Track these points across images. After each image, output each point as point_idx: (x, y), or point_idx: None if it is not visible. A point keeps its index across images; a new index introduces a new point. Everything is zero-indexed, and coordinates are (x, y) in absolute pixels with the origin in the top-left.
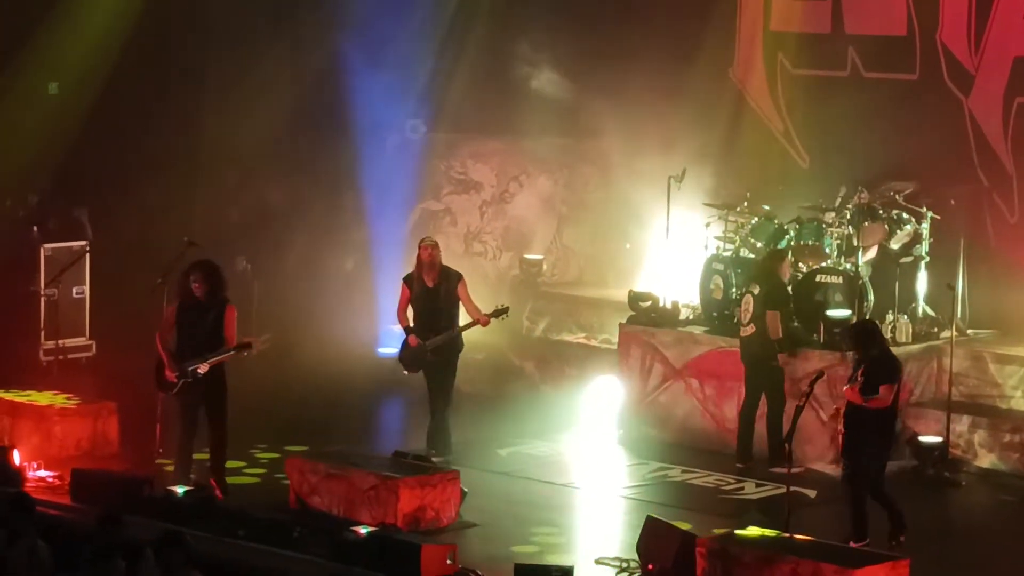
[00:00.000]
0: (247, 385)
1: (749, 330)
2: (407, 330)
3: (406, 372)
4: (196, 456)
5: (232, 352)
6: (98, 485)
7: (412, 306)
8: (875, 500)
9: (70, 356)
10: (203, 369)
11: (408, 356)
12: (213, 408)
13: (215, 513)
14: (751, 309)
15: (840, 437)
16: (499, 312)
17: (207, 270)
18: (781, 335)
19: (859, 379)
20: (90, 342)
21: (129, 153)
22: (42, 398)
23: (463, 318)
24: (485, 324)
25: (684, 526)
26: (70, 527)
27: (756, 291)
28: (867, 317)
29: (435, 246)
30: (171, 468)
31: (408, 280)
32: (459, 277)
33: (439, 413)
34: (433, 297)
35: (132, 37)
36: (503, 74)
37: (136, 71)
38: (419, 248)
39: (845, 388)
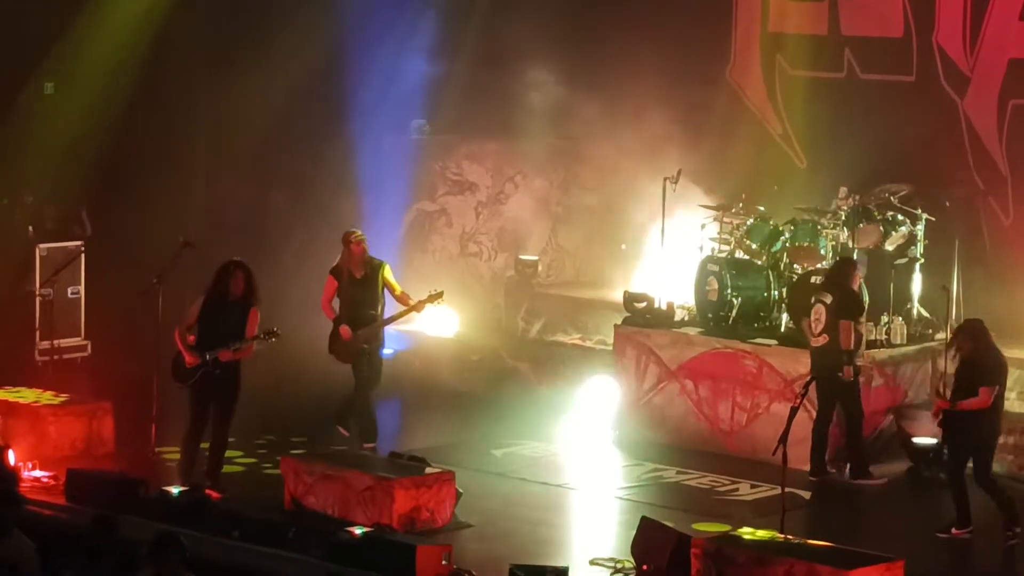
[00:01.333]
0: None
1: (821, 340)
2: (336, 321)
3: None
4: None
5: (259, 338)
6: (93, 485)
7: (339, 297)
8: (983, 490)
9: (65, 356)
10: (225, 356)
11: (342, 348)
12: (222, 406)
13: (210, 514)
14: (823, 319)
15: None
16: (434, 297)
17: (248, 269)
18: (852, 346)
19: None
20: (85, 342)
21: (125, 153)
22: (29, 395)
23: (391, 306)
24: (419, 310)
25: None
26: (65, 527)
27: (828, 300)
28: (968, 320)
29: (364, 239)
30: (172, 458)
31: (336, 272)
32: (382, 265)
33: (364, 397)
34: (361, 287)
35: (128, 37)
36: (498, 75)
37: (132, 71)
38: (348, 243)
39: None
